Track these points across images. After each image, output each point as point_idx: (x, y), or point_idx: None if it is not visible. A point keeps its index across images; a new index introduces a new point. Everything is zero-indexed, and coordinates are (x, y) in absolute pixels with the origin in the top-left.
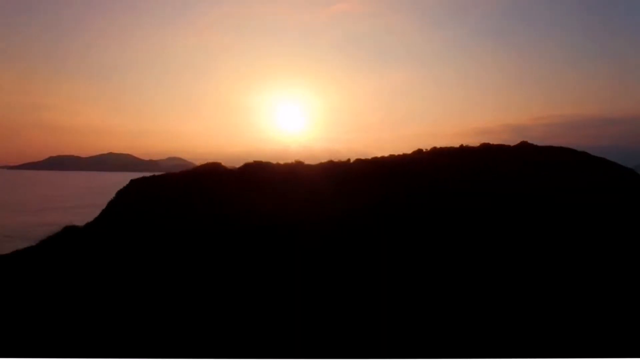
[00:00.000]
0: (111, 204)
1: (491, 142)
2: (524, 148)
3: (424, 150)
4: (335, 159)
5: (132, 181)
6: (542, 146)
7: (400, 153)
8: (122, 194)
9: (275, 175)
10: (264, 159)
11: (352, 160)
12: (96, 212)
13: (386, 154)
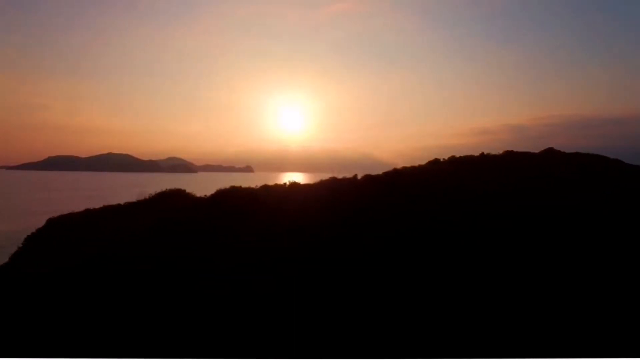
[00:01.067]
0: (15, 258)
1: (491, 142)
2: (551, 155)
3: (442, 160)
4: (335, 159)
5: (49, 220)
6: (570, 153)
7: (415, 163)
8: (33, 239)
9: (255, 210)
10: (263, 160)
11: (359, 177)
12: None
13: (385, 153)
